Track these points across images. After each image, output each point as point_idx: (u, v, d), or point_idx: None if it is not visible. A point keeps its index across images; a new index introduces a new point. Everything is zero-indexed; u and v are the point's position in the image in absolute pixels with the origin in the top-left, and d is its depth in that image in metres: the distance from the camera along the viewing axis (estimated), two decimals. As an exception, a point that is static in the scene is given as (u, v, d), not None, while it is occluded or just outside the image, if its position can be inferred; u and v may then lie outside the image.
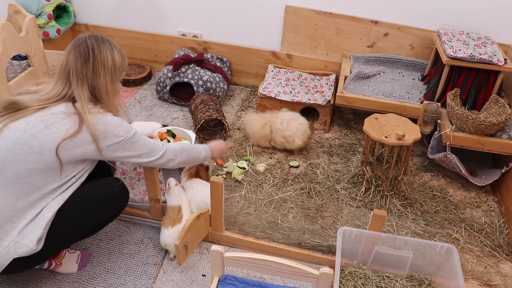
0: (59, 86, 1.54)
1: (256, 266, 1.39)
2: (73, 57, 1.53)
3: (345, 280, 1.74)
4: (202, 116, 2.57)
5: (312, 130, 2.83)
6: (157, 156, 1.68)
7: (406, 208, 2.22)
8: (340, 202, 2.26)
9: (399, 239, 1.75)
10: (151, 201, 1.98)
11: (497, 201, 2.38)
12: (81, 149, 1.50)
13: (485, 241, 2.10)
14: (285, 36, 3.02)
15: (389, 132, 2.10)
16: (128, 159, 1.63)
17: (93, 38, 1.56)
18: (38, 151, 1.45)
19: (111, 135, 1.53)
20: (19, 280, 1.77)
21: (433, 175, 2.52)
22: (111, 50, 1.57)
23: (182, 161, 1.79)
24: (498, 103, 2.32)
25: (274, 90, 2.83)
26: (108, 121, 1.53)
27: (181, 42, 3.20)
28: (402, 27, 2.78)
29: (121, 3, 3.20)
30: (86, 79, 1.53)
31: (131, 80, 3.19)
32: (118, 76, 1.62)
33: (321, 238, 2.01)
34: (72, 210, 1.56)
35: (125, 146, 1.58)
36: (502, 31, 2.64)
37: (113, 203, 1.68)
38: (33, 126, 1.45)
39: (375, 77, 2.76)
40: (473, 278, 1.92)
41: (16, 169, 1.45)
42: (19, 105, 1.49)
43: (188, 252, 1.84)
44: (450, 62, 2.36)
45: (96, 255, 1.91)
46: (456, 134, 2.27)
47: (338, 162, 2.54)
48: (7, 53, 2.16)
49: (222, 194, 1.80)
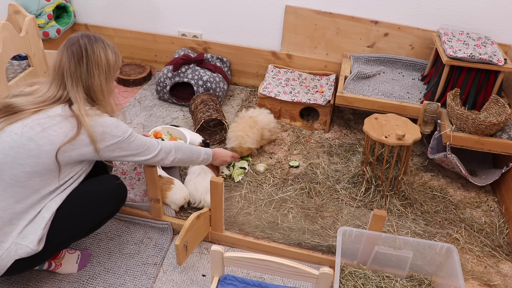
0: (54, 88, 1.53)
1: (256, 266, 1.39)
2: (66, 57, 1.51)
3: (345, 280, 1.74)
4: (202, 116, 2.57)
5: (312, 130, 2.83)
6: (153, 154, 1.71)
7: (406, 208, 2.22)
8: (340, 202, 2.26)
9: (399, 239, 1.75)
10: (151, 201, 1.98)
11: (497, 201, 2.38)
12: (79, 151, 1.51)
13: (485, 241, 2.10)
14: (285, 36, 3.02)
15: (389, 132, 2.10)
16: (125, 158, 1.64)
17: (86, 37, 1.54)
18: (36, 154, 1.44)
19: (109, 136, 1.54)
20: (19, 281, 1.77)
21: (433, 175, 2.52)
22: (104, 49, 1.56)
23: (177, 159, 1.81)
24: (498, 103, 2.32)
25: (274, 90, 2.83)
26: (105, 123, 1.53)
27: (181, 42, 3.20)
28: (402, 27, 2.78)
29: (121, 3, 3.20)
30: (80, 80, 1.52)
31: (131, 80, 3.19)
32: (113, 75, 1.62)
33: (321, 238, 2.01)
34: (71, 209, 1.57)
35: (122, 146, 1.59)
36: (502, 31, 2.64)
37: (111, 200, 1.68)
38: (30, 129, 1.45)
39: (375, 77, 2.76)
40: (473, 278, 1.92)
41: (14, 173, 1.45)
42: (14, 108, 1.48)
43: (188, 252, 1.84)
44: (450, 62, 2.36)
45: (96, 255, 1.91)
46: (456, 134, 2.27)
47: (338, 162, 2.54)
48: (7, 53, 2.16)
49: (222, 194, 1.80)
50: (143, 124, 2.80)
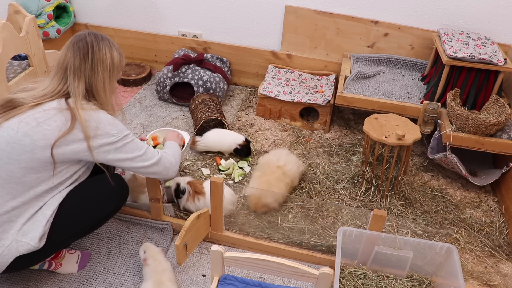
0: (55, 82, 1.53)
1: (256, 266, 1.39)
2: (72, 53, 1.52)
3: (345, 280, 1.74)
4: (202, 116, 2.57)
5: (312, 130, 2.83)
6: (151, 162, 1.64)
7: (406, 208, 2.22)
8: (340, 202, 2.26)
9: (399, 239, 1.75)
10: (151, 201, 1.98)
11: (497, 201, 2.38)
12: (72, 147, 1.49)
13: (485, 241, 2.10)
14: (285, 36, 3.02)
15: (389, 132, 2.10)
16: (122, 163, 1.59)
17: (93, 35, 1.56)
18: (31, 149, 1.45)
19: (102, 133, 1.51)
20: (19, 280, 1.77)
21: (433, 175, 2.52)
22: (110, 48, 1.57)
23: (177, 168, 1.78)
24: (498, 103, 2.32)
25: (274, 90, 2.83)
26: (100, 118, 1.52)
27: (181, 42, 3.20)
28: (402, 27, 2.78)
29: (121, 3, 3.20)
30: (83, 75, 1.53)
31: (131, 80, 3.19)
32: (116, 74, 1.62)
33: (321, 238, 2.01)
34: (72, 206, 1.57)
35: (116, 146, 1.55)
36: (502, 31, 2.64)
37: (113, 198, 1.68)
38: (25, 125, 1.45)
39: (375, 77, 2.76)
40: (473, 278, 1.92)
41: (10, 168, 1.45)
42: (15, 103, 1.49)
43: (188, 252, 1.84)
44: (450, 62, 2.36)
45: (96, 255, 1.91)
46: (456, 134, 2.27)
47: (338, 162, 2.54)
48: (7, 53, 2.16)
49: (222, 194, 1.80)
50: (143, 124, 2.80)
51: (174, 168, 1.75)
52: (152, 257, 1.77)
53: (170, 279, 1.75)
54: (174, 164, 1.74)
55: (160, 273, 1.73)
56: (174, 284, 1.75)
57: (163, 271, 1.75)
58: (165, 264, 1.78)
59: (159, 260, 1.77)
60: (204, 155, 2.54)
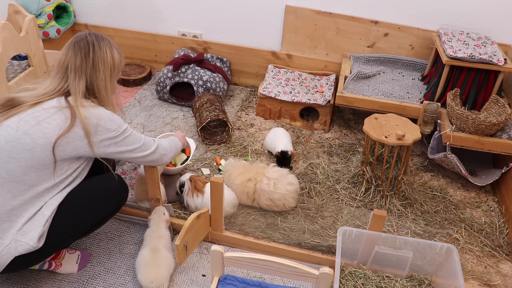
0: (56, 81, 1.54)
1: (256, 266, 1.39)
2: (73, 52, 1.54)
3: (345, 280, 1.74)
4: (208, 114, 2.56)
5: (312, 130, 2.83)
6: (149, 151, 1.70)
7: (406, 208, 2.22)
8: (340, 202, 2.26)
9: (399, 239, 1.75)
10: (151, 201, 1.98)
11: (497, 201, 2.38)
12: (73, 144, 1.50)
13: (485, 241, 2.10)
14: (285, 36, 3.02)
15: (389, 132, 2.10)
16: (122, 155, 1.62)
17: (93, 35, 1.58)
18: (31, 148, 1.45)
19: (103, 129, 1.53)
20: (19, 280, 1.77)
21: (433, 175, 2.52)
22: (110, 48, 1.60)
23: (172, 155, 1.84)
24: (498, 103, 2.32)
25: (274, 90, 2.83)
26: (100, 115, 1.53)
27: (181, 42, 3.20)
28: (402, 27, 2.78)
29: (121, 3, 3.20)
30: (84, 74, 1.54)
31: (131, 80, 3.19)
32: (116, 74, 1.64)
33: (321, 238, 2.01)
34: (72, 207, 1.57)
35: (117, 141, 1.57)
36: (502, 31, 2.64)
37: (113, 198, 1.68)
38: (25, 123, 1.45)
39: (375, 77, 2.76)
40: (473, 278, 1.92)
41: (10, 167, 1.45)
42: (15, 101, 1.50)
43: (188, 252, 1.84)
44: (450, 62, 2.36)
45: (96, 255, 1.91)
46: (456, 134, 2.27)
47: (338, 162, 2.54)
48: (7, 53, 2.16)
49: (222, 194, 1.80)
50: (143, 124, 2.80)
51: (169, 155, 1.82)
52: (156, 223, 1.86)
53: (167, 247, 1.80)
54: (168, 151, 1.81)
55: (157, 239, 1.79)
56: (170, 252, 1.79)
57: (160, 237, 1.81)
58: (164, 231, 1.84)
59: (160, 227, 1.85)
60: (204, 155, 2.54)
